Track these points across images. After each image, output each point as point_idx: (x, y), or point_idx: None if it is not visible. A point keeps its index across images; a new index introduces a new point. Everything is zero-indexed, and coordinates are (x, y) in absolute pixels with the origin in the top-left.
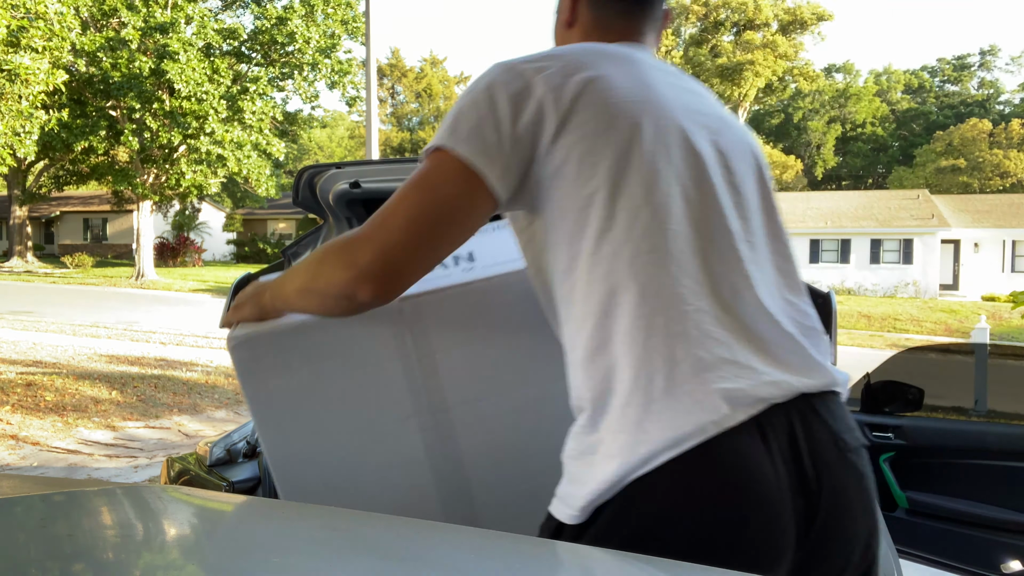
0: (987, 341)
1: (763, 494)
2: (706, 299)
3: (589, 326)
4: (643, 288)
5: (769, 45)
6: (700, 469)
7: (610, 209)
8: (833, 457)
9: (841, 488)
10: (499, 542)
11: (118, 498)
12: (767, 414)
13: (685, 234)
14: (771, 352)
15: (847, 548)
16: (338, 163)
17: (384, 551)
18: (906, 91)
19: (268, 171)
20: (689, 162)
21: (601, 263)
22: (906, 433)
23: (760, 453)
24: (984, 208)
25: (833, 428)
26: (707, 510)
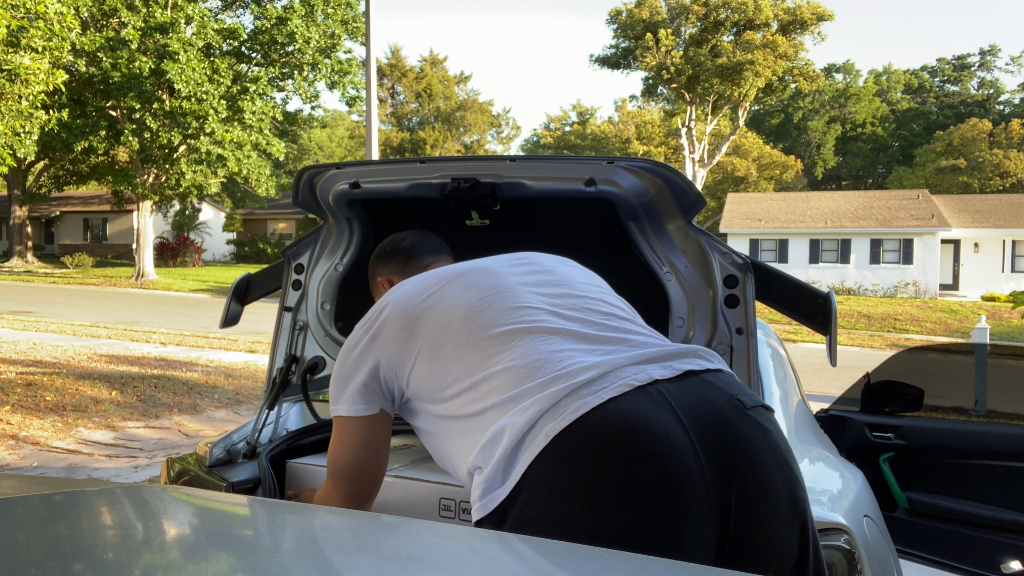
0: (987, 341)
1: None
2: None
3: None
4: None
5: (769, 45)
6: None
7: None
8: (732, 414)
9: (746, 439)
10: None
11: (118, 498)
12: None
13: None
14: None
15: (772, 498)
16: (338, 163)
17: (384, 551)
18: (906, 91)
19: (268, 171)
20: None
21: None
22: (906, 433)
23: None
24: (984, 208)
25: (728, 392)
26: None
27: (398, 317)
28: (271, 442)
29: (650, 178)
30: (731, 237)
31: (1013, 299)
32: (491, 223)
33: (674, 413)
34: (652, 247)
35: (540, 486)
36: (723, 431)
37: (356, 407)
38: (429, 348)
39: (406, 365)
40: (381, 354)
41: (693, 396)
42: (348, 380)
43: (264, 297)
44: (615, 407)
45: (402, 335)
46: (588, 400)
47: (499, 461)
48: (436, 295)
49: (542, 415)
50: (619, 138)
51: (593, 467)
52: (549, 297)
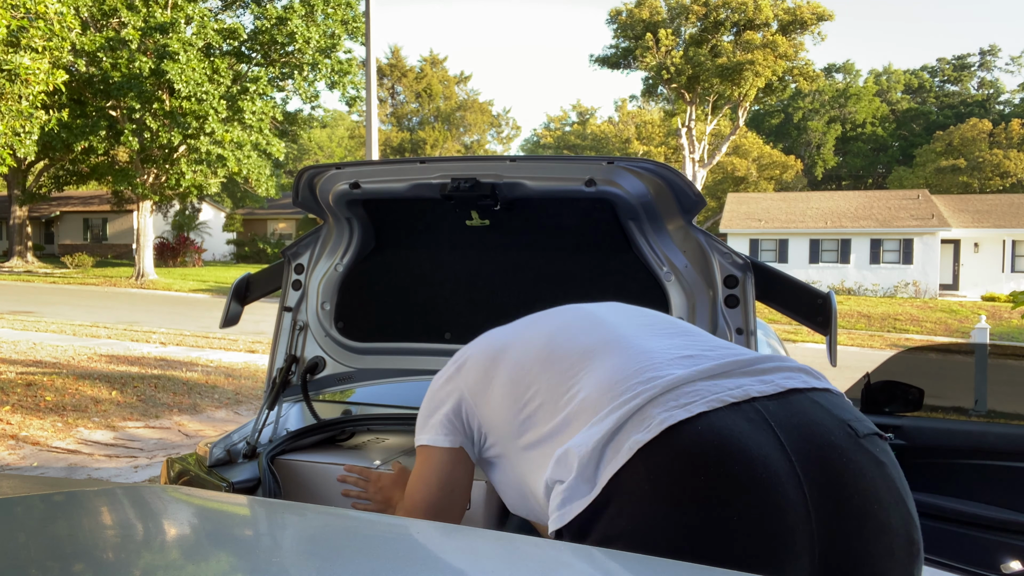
0: (987, 341)
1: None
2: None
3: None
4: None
5: (769, 45)
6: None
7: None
8: (843, 441)
9: (858, 470)
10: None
11: (118, 498)
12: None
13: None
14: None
15: (885, 538)
16: (338, 163)
17: (384, 551)
18: (906, 91)
19: (268, 171)
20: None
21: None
22: (906, 433)
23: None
24: (984, 208)
25: (838, 416)
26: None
27: (484, 348)
28: (271, 442)
29: (650, 178)
30: (731, 237)
31: (1013, 299)
32: (491, 223)
33: (774, 435)
34: (652, 247)
35: (626, 502)
36: (831, 460)
37: (438, 437)
38: (508, 373)
39: (484, 393)
40: (464, 384)
41: (797, 418)
42: (435, 410)
43: (264, 297)
44: (706, 424)
45: (484, 363)
46: (675, 413)
47: (579, 471)
48: (521, 330)
49: (623, 424)
50: (619, 138)
51: (681, 489)
52: (632, 317)
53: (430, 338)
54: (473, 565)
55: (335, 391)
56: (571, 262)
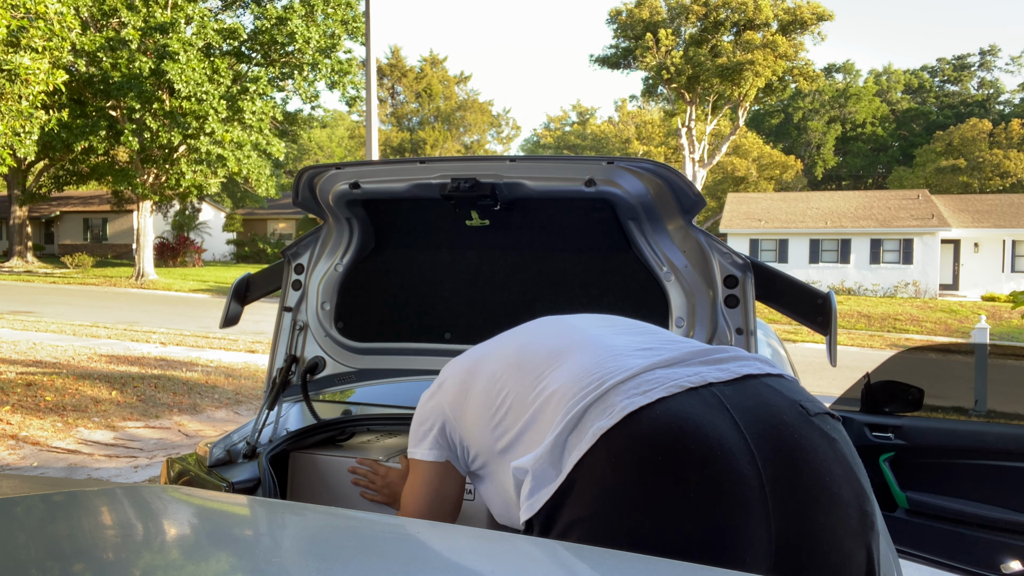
0: (987, 341)
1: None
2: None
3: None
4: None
5: (769, 45)
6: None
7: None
8: (795, 420)
9: (810, 446)
10: (499, 542)
11: (118, 498)
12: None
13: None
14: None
15: (838, 509)
16: (338, 163)
17: (384, 551)
18: (906, 91)
19: (268, 171)
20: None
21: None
22: (906, 433)
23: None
24: (984, 208)
25: (790, 397)
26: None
27: (461, 365)
28: (271, 442)
29: (650, 178)
30: (731, 237)
31: (1013, 299)
32: (491, 223)
33: (729, 416)
34: (652, 247)
35: (589, 485)
36: (784, 437)
37: (425, 452)
38: (483, 384)
39: (463, 407)
40: (444, 401)
41: (751, 400)
42: (423, 422)
43: (264, 297)
44: (664, 408)
45: (461, 378)
46: (635, 399)
47: (545, 458)
48: (496, 343)
49: (586, 411)
50: (619, 138)
51: (641, 469)
52: (599, 321)
53: (430, 338)
54: (473, 565)
55: (335, 391)
56: (571, 262)
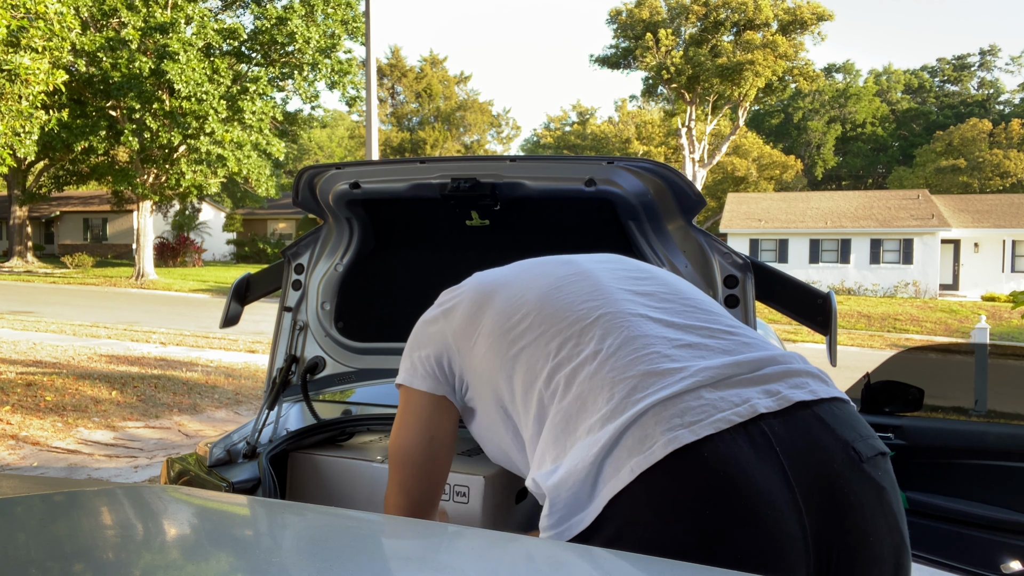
0: (987, 341)
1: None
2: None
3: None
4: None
5: (769, 45)
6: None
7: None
8: (845, 468)
9: (857, 502)
10: (499, 542)
11: (118, 498)
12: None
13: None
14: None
15: (876, 566)
16: (338, 163)
17: (384, 551)
18: (906, 91)
19: (268, 171)
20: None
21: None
22: (906, 433)
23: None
24: (984, 208)
25: (842, 436)
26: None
27: (473, 291)
28: (271, 442)
29: (650, 178)
30: (731, 237)
31: (1013, 299)
32: (491, 223)
33: (778, 462)
34: (652, 247)
35: (624, 528)
36: (833, 490)
37: (414, 378)
38: (496, 320)
39: (470, 339)
40: (449, 329)
41: (801, 441)
42: (416, 348)
43: (264, 297)
44: (712, 451)
45: (472, 308)
46: (680, 434)
47: (576, 488)
48: (513, 276)
49: (622, 436)
50: (619, 138)
51: (681, 523)
52: (632, 281)
53: None
54: (473, 565)
55: (335, 391)
56: None
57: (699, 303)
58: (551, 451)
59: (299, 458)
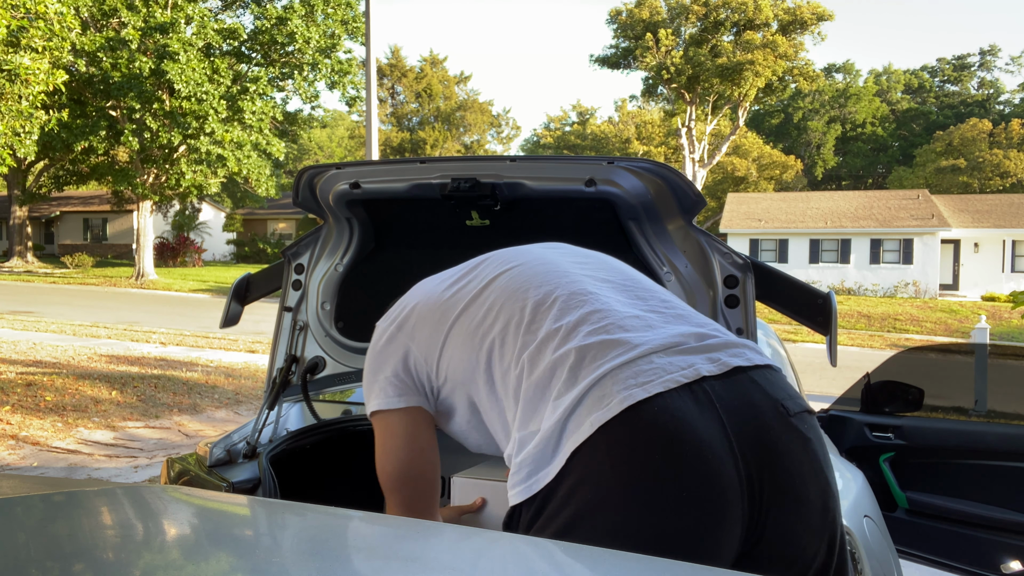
0: (987, 341)
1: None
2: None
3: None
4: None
5: (769, 45)
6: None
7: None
8: (775, 420)
9: (785, 449)
10: (498, 542)
11: (118, 498)
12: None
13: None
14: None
15: (802, 508)
16: (338, 163)
17: (384, 551)
18: (906, 91)
19: (268, 171)
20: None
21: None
22: (906, 433)
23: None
24: (984, 208)
25: (773, 395)
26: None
27: (425, 301)
28: (271, 442)
29: (650, 178)
30: (731, 237)
31: (1013, 299)
32: (491, 223)
33: (718, 416)
34: (652, 247)
35: (584, 476)
36: (764, 439)
37: (389, 399)
38: (463, 323)
39: (436, 346)
40: (410, 340)
41: (738, 398)
42: (377, 372)
43: (264, 297)
44: (662, 406)
45: (432, 316)
46: (634, 392)
47: (543, 445)
48: (465, 277)
49: (584, 397)
50: (619, 138)
51: (636, 465)
52: (585, 267)
53: None
54: (474, 565)
55: (335, 391)
56: None
57: (638, 280)
58: (526, 422)
59: (461, 483)
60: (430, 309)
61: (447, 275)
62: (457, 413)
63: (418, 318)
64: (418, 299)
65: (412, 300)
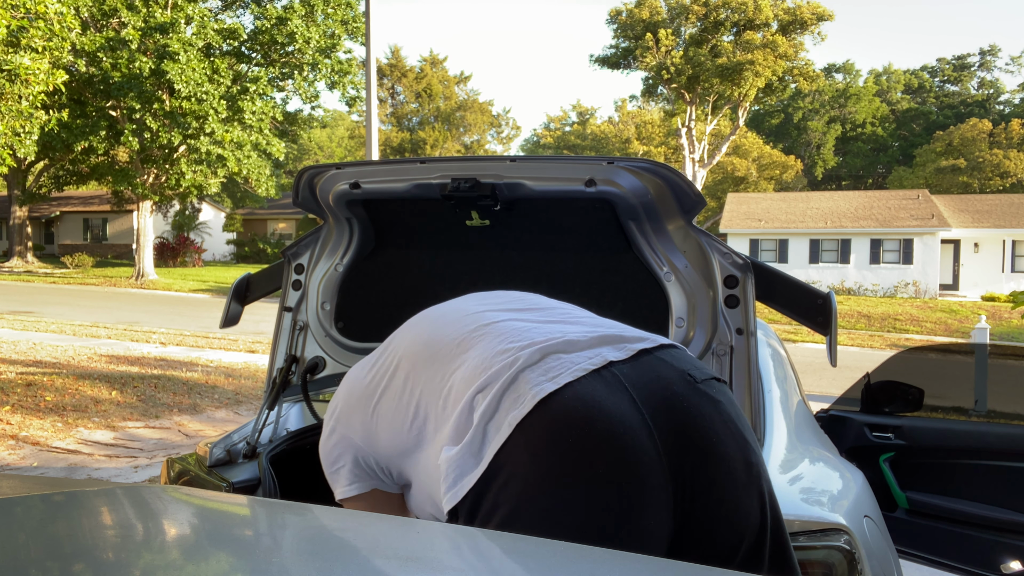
0: (987, 341)
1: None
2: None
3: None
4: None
5: (769, 45)
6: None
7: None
8: (683, 388)
9: (697, 411)
10: (498, 542)
11: (118, 498)
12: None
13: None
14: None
15: (724, 464)
16: (338, 163)
17: (384, 551)
18: (906, 91)
19: (268, 171)
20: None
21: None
22: (906, 433)
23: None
24: (984, 208)
25: (679, 367)
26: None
27: (348, 393)
28: (271, 442)
29: (650, 178)
30: (731, 237)
31: (1013, 299)
32: (491, 223)
33: (628, 394)
34: (652, 247)
35: (510, 472)
36: (674, 406)
37: (350, 488)
38: (389, 392)
39: (371, 430)
40: (350, 431)
41: (646, 375)
42: (334, 463)
43: (264, 297)
44: (572, 392)
45: (361, 402)
46: (544, 386)
47: (466, 448)
48: (381, 358)
49: (501, 399)
50: (619, 138)
51: (553, 453)
52: (497, 301)
53: None
54: (475, 565)
55: (335, 391)
56: (571, 262)
57: (562, 306)
58: (450, 442)
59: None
60: (356, 394)
61: (365, 362)
62: (411, 493)
63: (346, 408)
64: (344, 393)
65: (339, 396)
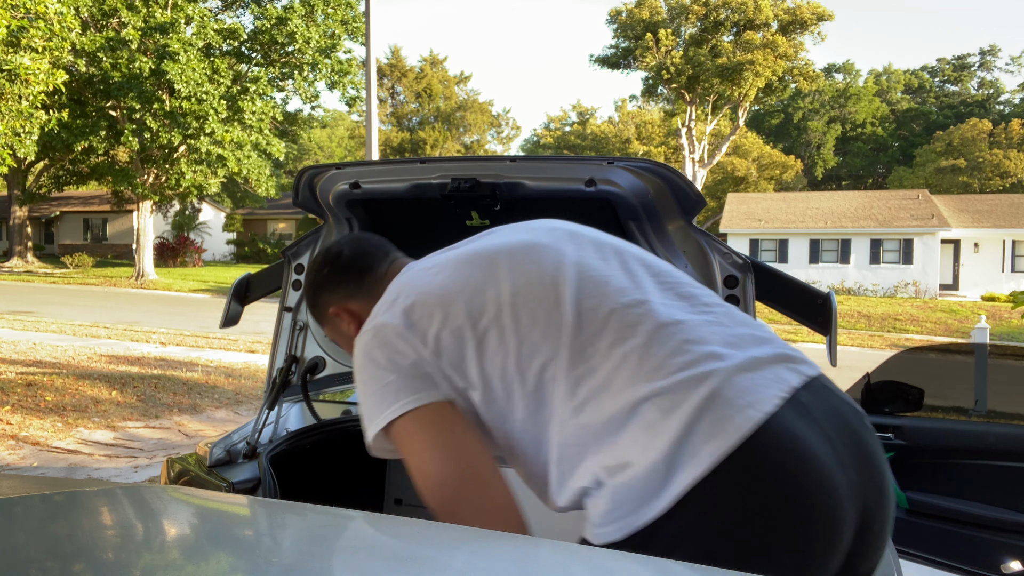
0: (987, 341)
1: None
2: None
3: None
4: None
5: (769, 45)
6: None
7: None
8: (857, 424)
9: (872, 450)
10: (498, 542)
11: (118, 498)
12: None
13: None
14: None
15: (886, 512)
16: (338, 163)
17: (384, 551)
18: (906, 91)
19: (268, 171)
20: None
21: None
22: (906, 433)
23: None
24: (984, 208)
25: (844, 398)
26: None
27: (431, 292)
28: (271, 442)
29: (650, 178)
30: (731, 237)
31: (1013, 299)
32: (491, 223)
33: (819, 428)
34: (652, 247)
35: (706, 509)
36: (859, 444)
37: (406, 400)
38: (496, 328)
39: (466, 344)
40: (419, 338)
41: (825, 406)
42: (390, 373)
43: (264, 297)
44: (778, 426)
45: (441, 308)
46: (748, 414)
47: (649, 471)
48: (475, 278)
49: (695, 422)
50: (619, 138)
51: (764, 495)
52: (604, 255)
53: None
54: (476, 566)
55: (335, 391)
56: None
57: (667, 272)
58: (602, 452)
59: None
60: (438, 305)
61: (437, 269)
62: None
63: (420, 312)
64: (423, 290)
65: (415, 288)
